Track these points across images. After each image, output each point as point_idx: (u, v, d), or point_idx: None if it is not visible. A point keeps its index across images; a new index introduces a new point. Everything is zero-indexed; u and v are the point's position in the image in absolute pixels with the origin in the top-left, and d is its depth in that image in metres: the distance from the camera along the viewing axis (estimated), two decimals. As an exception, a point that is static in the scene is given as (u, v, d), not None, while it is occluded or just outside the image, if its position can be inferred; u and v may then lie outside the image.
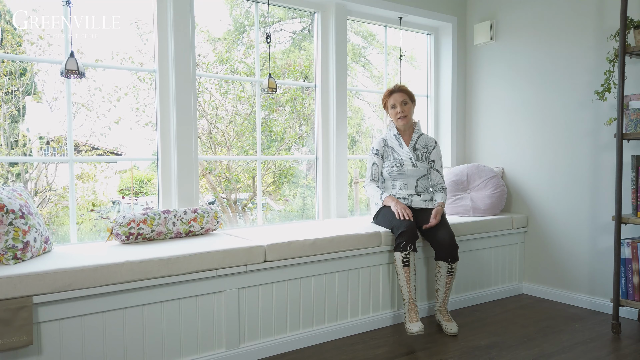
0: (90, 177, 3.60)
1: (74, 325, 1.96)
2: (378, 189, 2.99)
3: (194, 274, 2.21)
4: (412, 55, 4.11)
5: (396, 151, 3.02)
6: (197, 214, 2.64)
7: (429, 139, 3.08)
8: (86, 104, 3.15)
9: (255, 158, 3.26)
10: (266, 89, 2.98)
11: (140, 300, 2.09)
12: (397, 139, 3.03)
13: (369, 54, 4.34)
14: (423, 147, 3.05)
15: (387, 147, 3.05)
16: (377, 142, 3.08)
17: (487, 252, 3.37)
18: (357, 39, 4.28)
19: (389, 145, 3.05)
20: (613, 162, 3.00)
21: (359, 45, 4.30)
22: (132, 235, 2.41)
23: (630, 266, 2.69)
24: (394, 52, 3.85)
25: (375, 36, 4.14)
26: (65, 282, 1.91)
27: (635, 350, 2.48)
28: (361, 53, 4.32)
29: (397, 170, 2.98)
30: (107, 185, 3.60)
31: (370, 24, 3.82)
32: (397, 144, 3.03)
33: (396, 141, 3.03)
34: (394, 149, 3.03)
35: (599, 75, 3.05)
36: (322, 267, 2.62)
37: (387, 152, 3.05)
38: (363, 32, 4.22)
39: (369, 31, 4.20)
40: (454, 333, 2.71)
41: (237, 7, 3.81)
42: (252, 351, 2.40)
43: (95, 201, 3.54)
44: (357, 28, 4.17)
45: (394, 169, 2.98)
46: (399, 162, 2.99)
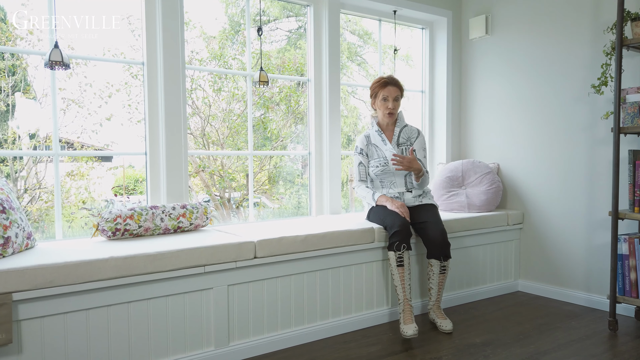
0: (82, 176, 3.54)
1: (56, 323, 1.90)
2: (369, 189, 2.90)
3: (182, 270, 2.15)
4: (407, 54, 4.07)
5: (380, 149, 2.92)
6: (186, 210, 2.58)
7: (412, 130, 2.98)
8: (77, 100, 3.09)
9: (247, 153, 3.21)
10: (258, 82, 2.93)
11: (125, 297, 2.03)
12: (380, 135, 2.93)
13: (365, 52, 4.30)
14: (407, 139, 2.95)
15: (371, 145, 2.95)
16: (360, 141, 2.97)
17: (482, 248, 3.32)
18: (353, 37, 4.24)
19: (372, 143, 2.95)
20: (610, 157, 2.96)
21: (354, 44, 4.26)
22: (118, 231, 2.35)
23: (627, 262, 2.65)
24: (389, 50, 3.80)
25: (371, 35, 4.10)
26: (47, 278, 1.85)
27: (632, 347, 2.44)
28: (357, 52, 4.27)
29: (383, 170, 2.89)
30: (99, 185, 3.55)
31: (364, 18, 3.76)
32: (380, 140, 2.93)
33: (379, 137, 2.93)
34: (377, 146, 2.93)
35: (595, 69, 3.01)
36: (314, 264, 2.57)
37: (371, 150, 2.95)
38: (359, 31, 4.18)
39: (364, 30, 4.16)
40: (449, 330, 2.66)
41: (233, 5, 3.76)
42: (242, 350, 2.34)
43: (88, 200, 3.49)
44: (352, 27, 4.13)
45: (379, 168, 2.90)
46: (383, 160, 2.89)
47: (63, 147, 3.04)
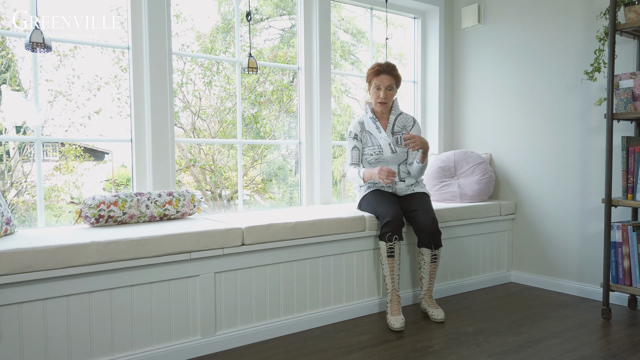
0: (70, 170, 3.48)
1: (35, 309, 1.83)
2: (356, 168, 2.81)
3: (167, 256, 2.09)
4: (401, 53, 4.03)
5: (374, 136, 2.86)
6: (173, 197, 2.52)
7: (408, 118, 2.92)
8: (64, 92, 3.02)
9: (237, 142, 3.15)
10: (246, 68, 2.87)
11: (107, 283, 1.97)
12: (374, 123, 2.87)
13: (359, 51, 4.27)
14: (402, 128, 2.88)
15: (365, 132, 2.89)
16: (354, 126, 2.90)
17: (474, 239, 3.28)
18: (347, 36, 4.21)
19: (367, 130, 2.89)
20: (602, 146, 2.93)
21: (347, 43, 4.23)
22: (102, 218, 2.28)
23: (620, 250, 2.62)
24: (382, 49, 3.76)
25: (365, 34, 4.07)
26: (25, 263, 1.78)
27: (626, 335, 2.41)
28: (350, 50, 4.24)
29: (377, 158, 2.84)
30: (90, 182, 3.50)
31: (358, 16, 3.72)
32: (375, 128, 2.86)
33: (373, 125, 2.87)
34: (371, 133, 2.87)
35: (588, 56, 2.98)
36: (303, 252, 2.52)
37: (365, 137, 2.88)
38: (352, 30, 4.15)
39: (357, 29, 4.14)
40: (441, 319, 2.62)
41: (225, 3, 3.70)
42: (229, 339, 2.29)
43: (78, 196, 3.44)
44: (346, 25, 4.10)
45: (373, 156, 2.85)
46: (377, 149, 2.84)
47: (48, 142, 2.97)
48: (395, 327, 2.45)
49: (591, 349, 2.25)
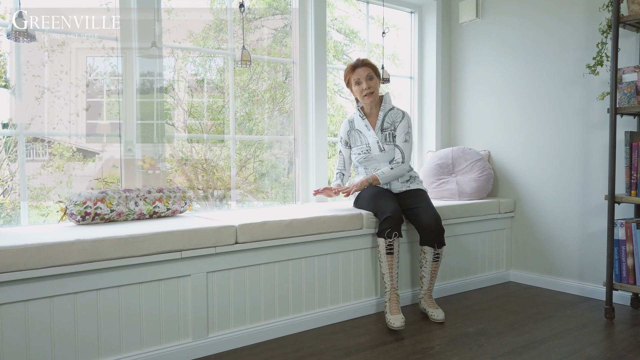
0: (59, 168, 3.38)
1: (16, 311, 1.73)
2: (336, 181, 2.86)
3: (156, 255, 1.99)
4: (394, 54, 3.97)
5: (363, 135, 2.79)
6: (163, 194, 2.43)
7: (397, 114, 2.80)
8: (52, 89, 2.91)
9: (229, 137, 3.05)
10: (240, 61, 2.78)
11: (93, 284, 1.87)
12: (364, 120, 2.79)
13: (352, 51, 4.21)
14: (391, 124, 2.78)
15: (354, 131, 2.82)
16: (343, 129, 2.85)
17: (473, 237, 3.21)
18: (339, 36, 4.14)
19: (356, 128, 2.81)
20: (604, 141, 2.87)
21: (340, 43, 4.16)
22: (88, 215, 2.18)
23: (624, 247, 2.55)
24: (376, 49, 3.69)
25: (357, 34, 4.01)
26: (4, 262, 1.68)
27: (631, 335, 2.35)
28: (343, 51, 4.18)
29: (365, 157, 2.77)
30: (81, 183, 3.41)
31: (351, 16, 3.65)
32: (364, 126, 2.79)
33: (362, 122, 2.80)
34: (360, 132, 2.80)
35: (590, 50, 2.92)
36: (299, 251, 2.43)
37: (354, 136, 2.82)
38: (345, 30, 4.09)
39: (350, 29, 4.08)
40: (441, 320, 2.54)
41: (218, 1, 3.61)
42: (222, 341, 2.19)
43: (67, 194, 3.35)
44: (339, 25, 4.03)
45: (362, 155, 2.78)
46: (366, 147, 2.77)
47: (33, 141, 2.88)
48: (396, 325, 2.37)
49: (597, 350, 2.18)
